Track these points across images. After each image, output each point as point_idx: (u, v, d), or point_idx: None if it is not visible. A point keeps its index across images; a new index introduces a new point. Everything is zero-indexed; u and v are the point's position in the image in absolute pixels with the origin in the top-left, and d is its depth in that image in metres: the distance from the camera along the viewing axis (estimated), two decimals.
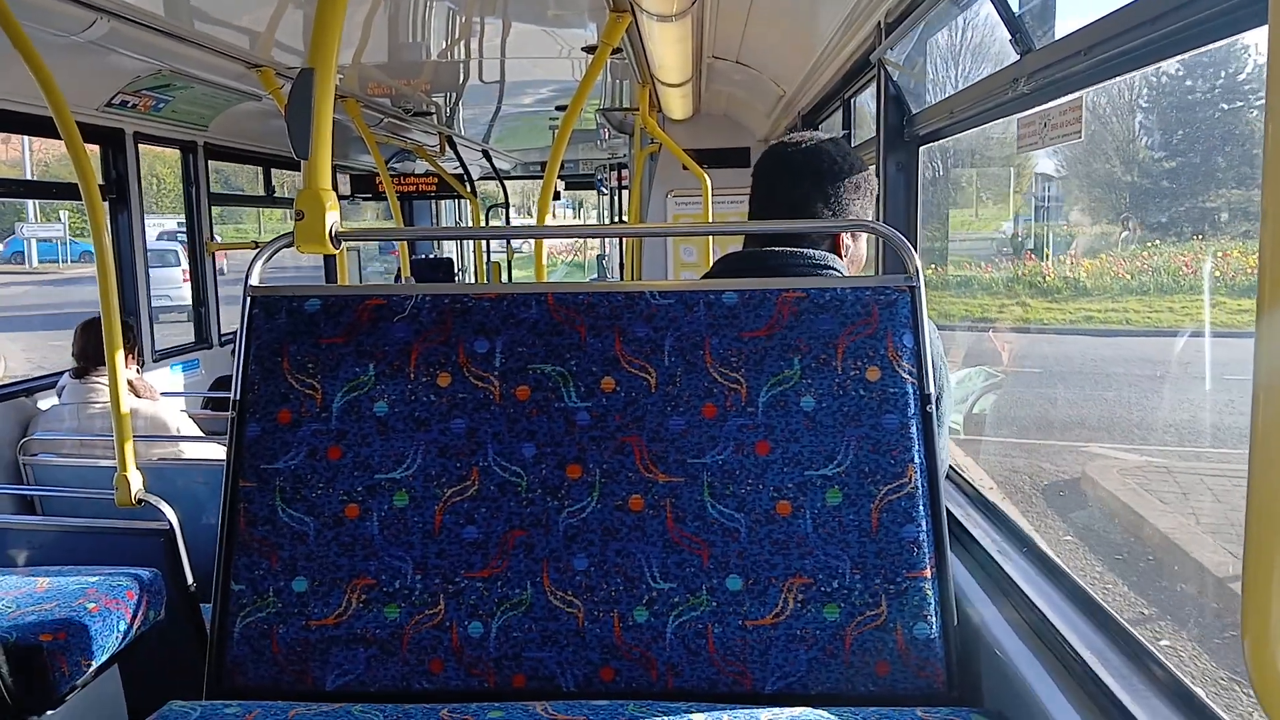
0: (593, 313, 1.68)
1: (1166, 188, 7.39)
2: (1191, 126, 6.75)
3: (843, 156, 1.97)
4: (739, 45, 4.75)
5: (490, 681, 1.59)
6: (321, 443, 1.66)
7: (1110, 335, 9.76)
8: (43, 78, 2.68)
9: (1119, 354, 9.34)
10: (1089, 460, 7.07)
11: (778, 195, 1.97)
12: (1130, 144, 7.89)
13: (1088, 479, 6.78)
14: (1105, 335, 9.75)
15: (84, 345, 4.12)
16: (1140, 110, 7.14)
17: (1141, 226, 8.29)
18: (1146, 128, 7.23)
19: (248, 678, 1.62)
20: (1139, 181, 8.10)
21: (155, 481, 2.99)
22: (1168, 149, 7.24)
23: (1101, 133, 7.80)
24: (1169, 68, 5.95)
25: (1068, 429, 7.87)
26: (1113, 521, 6.11)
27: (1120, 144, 7.94)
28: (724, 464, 1.61)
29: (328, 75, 1.73)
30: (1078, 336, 9.86)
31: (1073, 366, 9.02)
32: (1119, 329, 9.62)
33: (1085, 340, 9.81)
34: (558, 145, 3.98)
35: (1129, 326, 9.46)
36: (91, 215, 2.80)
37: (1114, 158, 8.11)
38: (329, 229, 1.73)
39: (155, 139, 5.31)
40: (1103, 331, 9.75)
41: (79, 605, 2.27)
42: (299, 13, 3.77)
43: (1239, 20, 1.23)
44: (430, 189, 8.84)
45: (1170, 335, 8.87)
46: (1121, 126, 7.59)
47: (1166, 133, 7.07)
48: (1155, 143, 7.27)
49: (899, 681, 1.55)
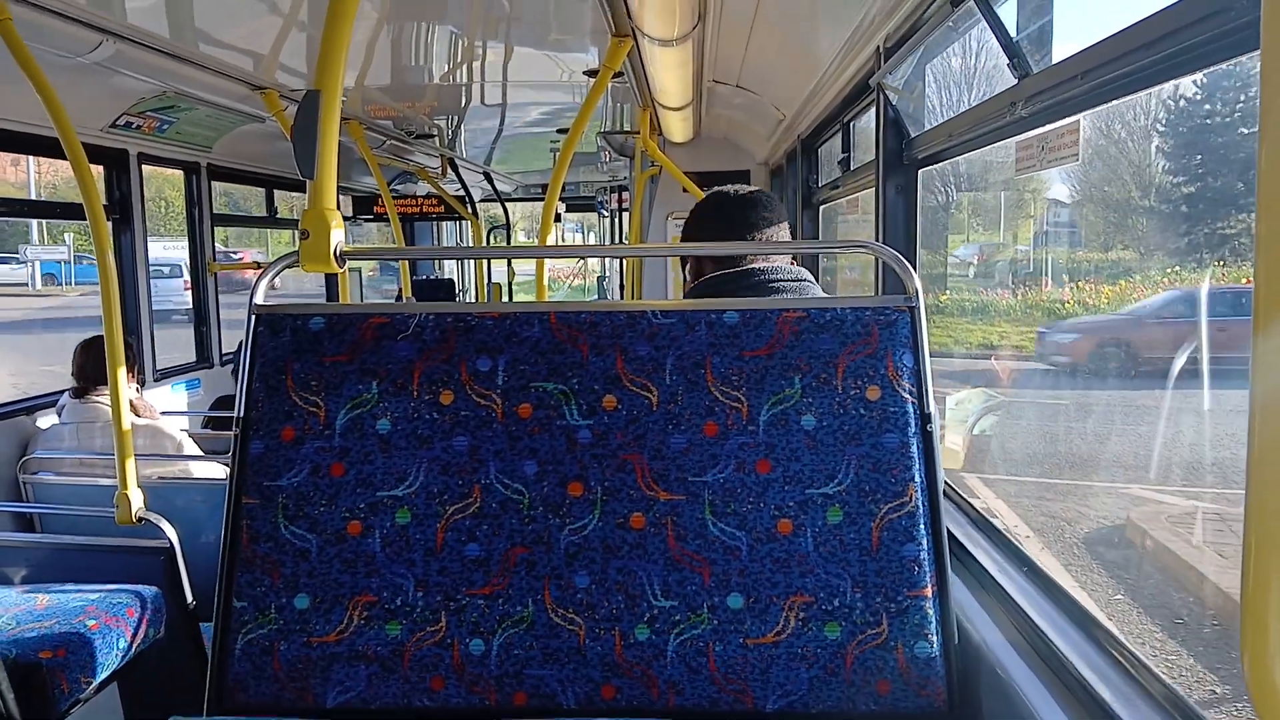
0: (595, 331, 1.69)
1: (1185, 212, 7.23)
2: (1209, 151, 6.65)
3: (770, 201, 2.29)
4: (739, 69, 4.79)
5: (491, 699, 1.59)
6: (324, 460, 1.67)
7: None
8: (48, 99, 2.70)
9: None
10: (1132, 505, 6.45)
11: (736, 222, 2.23)
12: (1146, 168, 7.74)
13: (1134, 527, 6.17)
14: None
15: (84, 364, 4.12)
16: (1157, 134, 7.03)
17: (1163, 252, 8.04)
18: (1164, 151, 7.11)
19: (249, 694, 1.62)
20: (1156, 206, 7.92)
21: (155, 500, 2.99)
22: (1186, 173, 7.09)
23: (1118, 157, 7.65)
24: (1186, 90, 5.86)
25: (1102, 467, 7.44)
26: (1168, 578, 5.52)
27: (1137, 169, 7.80)
28: (725, 482, 1.62)
29: (334, 97, 1.75)
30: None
31: (1099, 399, 8.55)
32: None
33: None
34: (559, 168, 4.01)
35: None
36: (95, 235, 2.82)
37: (1130, 183, 7.97)
38: (334, 248, 1.74)
39: (159, 160, 5.34)
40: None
41: (79, 622, 2.27)
42: (303, 36, 3.81)
43: (1233, 45, 1.25)
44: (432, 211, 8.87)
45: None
46: (1137, 150, 7.46)
47: (1185, 157, 6.94)
48: (1173, 167, 7.14)
49: (900, 700, 1.55)
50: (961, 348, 9.78)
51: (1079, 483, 7.30)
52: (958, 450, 5.91)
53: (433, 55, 4.44)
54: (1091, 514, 6.68)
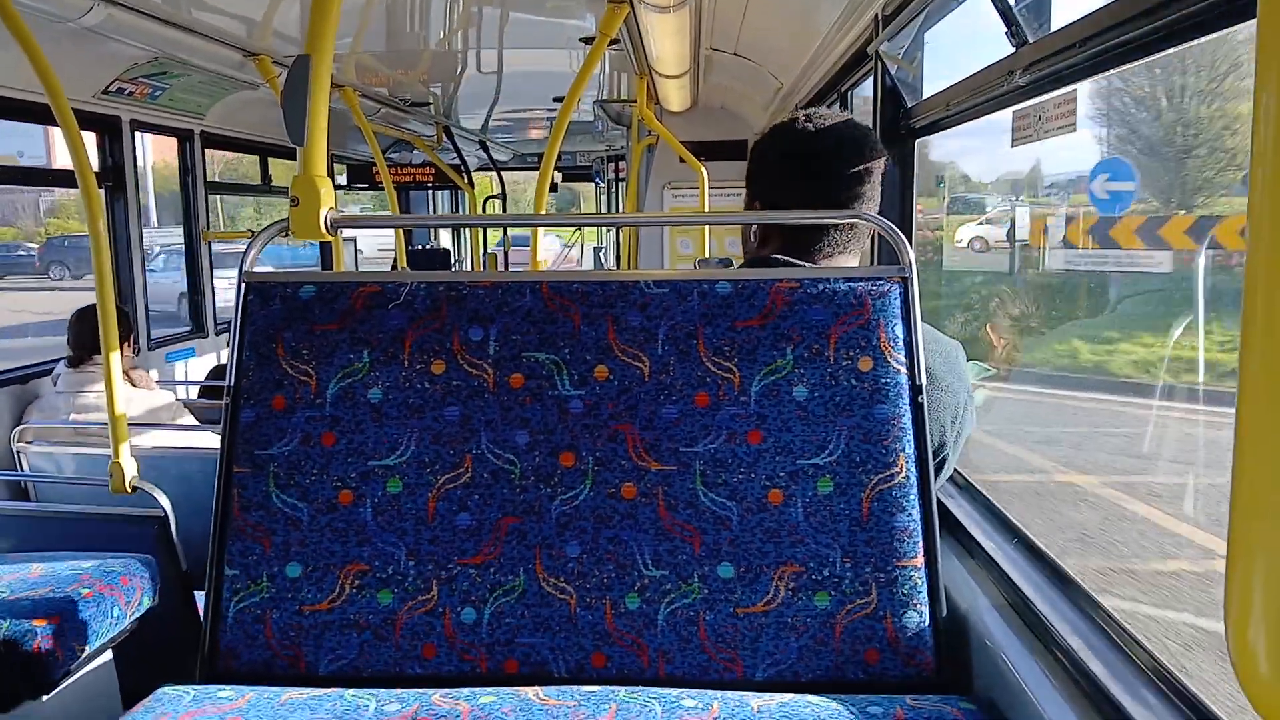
0: (587, 301, 1.68)
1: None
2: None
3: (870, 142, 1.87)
4: (737, 37, 4.75)
5: (483, 667, 1.60)
6: (315, 429, 1.67)
7: None
8: (39, 64, 2.67)
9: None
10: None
11: (823, 178, 1.82)
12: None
13: None
14: None
15: (79, 333, 4.12)
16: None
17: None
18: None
19: (240, 662, 1.62)
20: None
21: (149, 469, 3.00)
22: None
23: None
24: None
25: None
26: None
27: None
28: (716, 453, 1.62)
29: (324, 61, 1.73)
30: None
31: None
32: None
33: None
34: (555, 136, 3.98)
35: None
36: (87, 203, 2.80)
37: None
38: (324, 215, 1.73)
39: (152, 127, 5.30)
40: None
41: (73, 591, 2.27)
42: (296, 1, 3.77)
43: (1232, 13, 1.23)
44: (427, 179, 8.83)
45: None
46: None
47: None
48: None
49: (888, 669, 1.56)
50: None
51: None
52: None
53: (428, 21, 4.40)
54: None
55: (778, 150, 1.89)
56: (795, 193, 1.83)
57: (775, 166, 1.89)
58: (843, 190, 1.81)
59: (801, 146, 1.84)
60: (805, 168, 1.83)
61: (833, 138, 1.83)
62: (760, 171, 1.92)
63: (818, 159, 1.82)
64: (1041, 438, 6.99)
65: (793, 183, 1.84)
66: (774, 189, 1.89)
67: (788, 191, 1.85)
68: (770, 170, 1.90)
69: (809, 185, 1.82)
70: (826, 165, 1.81)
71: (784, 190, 1.86)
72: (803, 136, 1.84)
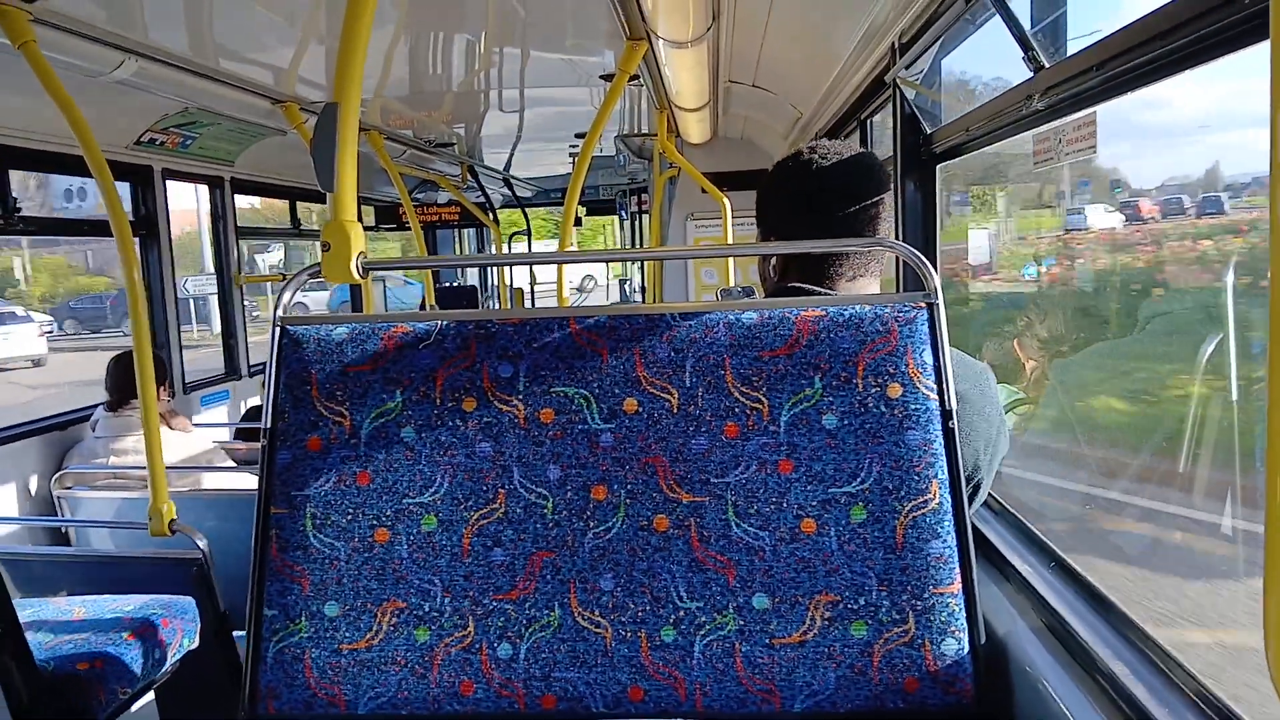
0: (614, 335, 1.70)
1: None
2: None
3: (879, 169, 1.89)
4: (755, 68, 4.79)
5: (520, 703, 1.60)
6: (351, 469, 1.69)
7: None
8: (73, 117, 2.75)
9: None
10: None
11: (833, 212, 1.84)
12: None
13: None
14: None
15: (116, 379, 4.19)
16: None
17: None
18: None
19: (281, 702, 1.64)
20: None
21: (187, 512, 3.04)
22: None
23: None
24: None
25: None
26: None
27: None
28: (747, 483, 1.62)
29: (352, 108, 1.77)
30: None
31: None
32: None
33: None
34: (578, 172, 4.03)
35: None
36: (122, 252, 2.86)
37: None
38: (355, 260, 1.76)
39: (183, 175, 5.41)
40: None
41: (115, 634, 2.30)
42: (321, 49, 3.85)
43: (1245, 35, 1.24)
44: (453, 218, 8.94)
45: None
46: None
47: None
48: None
49: (928, 698, 1.55)
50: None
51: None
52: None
53: (450, 63, 4.48)
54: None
55: (785, 190, 1.92)
56: (804, 228, 1.87)
57: (784, 205, 1.92)
58: (852, 223, 1.84)
59: (808, 184, 1.87)
60: (810, 204, 1.87)
61: (839, 176, 1.86)
62: (769, 209, 1.96)
63: (824, 195, 1.86)
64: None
65: (801, 218, 1.88)
66: (783, 224, 1.92)
67: (797, 228, 1.88)
68: (780, 209, 1.94)
69: (814, 220, 1.86)
70: (834, 202, 1.85)
71: (794, 226, 1.89)
72: (808, 174, 1.87)
